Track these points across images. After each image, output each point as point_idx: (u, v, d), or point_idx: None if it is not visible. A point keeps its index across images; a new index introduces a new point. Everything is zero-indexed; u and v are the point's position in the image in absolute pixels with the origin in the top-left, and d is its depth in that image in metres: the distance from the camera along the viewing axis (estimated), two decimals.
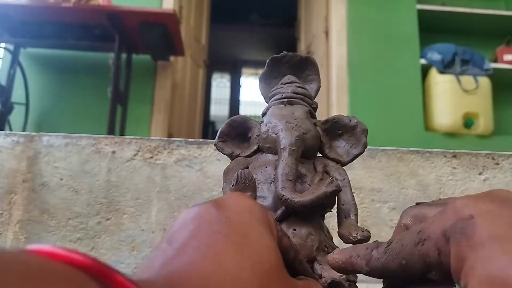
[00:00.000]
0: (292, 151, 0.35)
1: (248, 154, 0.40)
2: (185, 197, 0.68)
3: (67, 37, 1.97)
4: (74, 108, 2.24)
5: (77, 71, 2.27)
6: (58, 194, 0.68)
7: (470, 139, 2.25)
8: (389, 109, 2.27)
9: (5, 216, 0.67)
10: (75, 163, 0.69)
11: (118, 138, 0.72)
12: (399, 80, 2.32)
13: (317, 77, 0.43)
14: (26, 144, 0.70)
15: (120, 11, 1.89)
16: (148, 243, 0.66)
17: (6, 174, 0.69)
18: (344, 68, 2.31)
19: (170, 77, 2.32)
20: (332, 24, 2.40)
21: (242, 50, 5.18)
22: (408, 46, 2.37)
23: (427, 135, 2.26)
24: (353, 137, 0.39)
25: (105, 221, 0.67)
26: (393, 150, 0.73)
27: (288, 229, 0.34)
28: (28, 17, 1.97)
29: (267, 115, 0.40)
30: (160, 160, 0.70)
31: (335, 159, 0.39)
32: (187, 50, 2.42)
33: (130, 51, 2.16)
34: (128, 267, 0.65)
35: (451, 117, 2.23)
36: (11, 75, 2.03)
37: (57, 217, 0.67)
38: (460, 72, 2.28)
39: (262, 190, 0.36)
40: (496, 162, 0.73)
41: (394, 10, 2.43)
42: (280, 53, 0.43)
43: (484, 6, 2.52)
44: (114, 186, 0.69)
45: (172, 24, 1.98)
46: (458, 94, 2.23)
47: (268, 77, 0.44)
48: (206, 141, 0.72)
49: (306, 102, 0.40)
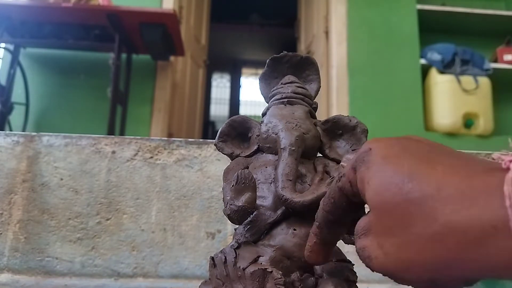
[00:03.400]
0: (292, 151, 0.35)
1: (248, 154, 0.40)
2: (185, 197, 0.68)
3: (67, 37, 1.97)
4: (74, 108, 2.24)
5: (77, 71, 2.27)
6: (58, 194, 0.68)
7: (470, 139, 2.25)
8: (389, 109, 2.27)
9: (5, 216, 0.67)
10: (75, 163, 0.69)
11: (118, 138, 0.72)
12: (399, 80, 2.32)
13: (317, 77, 0.43)
14: (26, 144, 0.70)
15: (120, 11, 1.89)
16: (148, 243, 0.66)
17: (6, 174, 0.69)
18: (344, 68, 2.31)
19: (170, 77, 2.32)
20: (332, 24, 2.40)
21: (242, 50, 5.17)
22: (408, 46, 2.37)
23: (427, 135, 2.26)
24: (353, 137, 0.39)
25: (105, 221, 0.67)
26: None
27: (288, 229, 0.34)
28: (28, 17, 1.97)
29: (267, 115, 0.40)
30: (160, 160, 0.70)
31: (335, 159, 0.39)
32: (187, 50, 2.42)
33: (130, 51, 2.16)
34: (128, 267, 0.65)
35: (451, 117, 2.23)
36: (11, 75, 2.03)
37: (57, 217, 0.67)
38: (460, 72, 2.28)
39: (262, 190, 0.36)
40: None
41: (394, 10, 2.43)
42: (280, 53, 0.42)
43: (484, 6, 2.52)
44: (114, 186, 0.69)
45: (172, 24, 1.98)
46: (458, 94, 2.23)
47: (268, 77, 0.44)
48: (206, 141, 0.72)
49: (306, 102, 0.40)
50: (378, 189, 0.20)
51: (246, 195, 0.32)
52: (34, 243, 0.65)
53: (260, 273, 0.30)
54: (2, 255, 0.64)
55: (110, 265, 0.65)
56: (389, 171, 0.20)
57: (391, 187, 0.19)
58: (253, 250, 0.33)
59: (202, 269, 0.65)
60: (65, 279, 0.63)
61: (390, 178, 0.20)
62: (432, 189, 0.18)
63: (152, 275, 0.65)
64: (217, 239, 0.67)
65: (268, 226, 0.34)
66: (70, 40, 1.97)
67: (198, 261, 0.65)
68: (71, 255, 0.65)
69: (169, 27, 1.98)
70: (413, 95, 2.31)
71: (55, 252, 0.65)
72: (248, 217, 0.34)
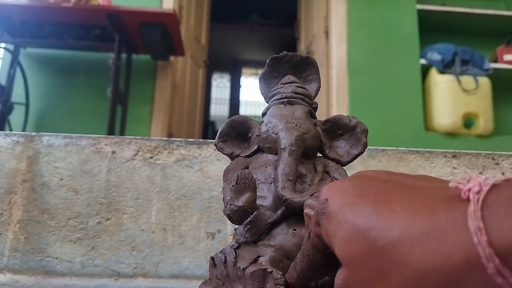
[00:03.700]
0: (292, 151, 0.35)
1: (248, 154, 0.40)
2: (185, 197, 0.68)
3: (67, 37, 1.97)
4: (74, 108, 2.24)
5: (77, 71, 2.27)
6: (58, 194, 0.68)
7: (470, 139, 2.25)
8: (389, 109, 2.27)
9: (5, 216, 0.67)
10: (75, 163, 0.69)
11: (118, 138, 0.72)
12: (399, 80, 2.32)
13: (317, 77, 0.43)
14: (26, 144, 0.70)
15: (120, 11, 1.89)
16: (148, 243, 0.66)
17: (6, 174, 0.69)
18: (344, 68, 2.31)
19: (170, 77, 2.32)
20: (332, 24, 2.40)
21: (242, 50, 5.17)
22: (408, 46, 2.37)
23: (427, 135, 2.26)
24: (353, 137, 0.39)
25: (105, 221, 0.67)
26: (393, 150, 0.73)
27: (288, 229, 0.34)
28: (28, 17, 1.97)
29: (267, 115, 0.40)
30: (160, 160, 0.70)
31: (335, 159, 0.39)
32: (187, 50, 2.42)
33: (130, 51, 2.16)
34: (128, 267, 0.65)
35: (451, 117, 2.23)
36: (11, 75, 2.03)
37: (57, 217, 0.67)
38: (460, 72, 2.28)
39: (262, 190, 0.36)
40: (496, 162, 0.73)
41: (394, 10, 2.43)
42: (280, 53, 0.42)
43: (484, 6, 2.52)
44: (114, 186, 0.69)
45: (172, 24, 1.98)
46: (458, 94, 2.23)
47: (268, 77, 0.44)
48: (206, 141, 0.72)
49: (306, 102, 0.40)
50: (345, 243, 0.19)
51: (246, 195, 0.32)
52: (34, 243, 0.65)
53: (260, 273, 0.30)
54: (2, 255, 0.64)
55: (110, 265, 0.65)
56: (350, 223, 0.19)
57: (357, 239, 0.19)
58: (253, 250, 0.33)
59: (202, 269, 0.65)
60: (65, 279, 0.63)
61: (353, 229, 0.19)
62: (396, 234, 0.17)
63: (152, 275, 0.65)
64: (217, 239, 0.67)
65: (268, 226, 0.34)
66: (70, 40, 1.97)
67: (198, 261, 0.65)
68: (71, 255, 0.65)
69: (169, 27, 1.98)
70: (413, 95, 2.31)
71: (55, 252, 0.65)
72: (248, 217, 0.34)
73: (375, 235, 0.18)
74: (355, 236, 0.19)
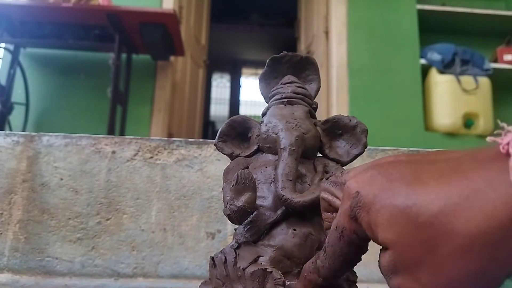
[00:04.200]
0: (292, 151, 0.35)
1: (248, 154, 0.40)
2: (185, 197, 0.68)
3: (67, 37, 1.97)
4: (74, 108, 2.24)
5: (77, 71, 2.27)
6: (58, 194, 0.68)
7: (470, 139, 2.25)
8: (389, 109, 2.27)
9: (5, 216, 0.67)
10: (75, 163, 0.69)
11: (118, 138, 0.72)
12: (399, 80, 2.32)
13: (317, 77, 0.43)
14: (26, 144, 0.70)
15: (120, 11, 1.89)
16: (148, 243, 0.66)
17: (6, 174, 0.69)
18: (344, 68, 2.31)
19: (170, 77, 2.32)
20: (332, 24, 2.39)
21: (242, 50, 5.17)
22: (408, 46, 2.37)
23: (427, 135, 2.26)
24: (353, 137, 0.39)
25: (105, 221, 0.67)
26: (393, 150, 0.73)
27: (288, 229, 0.34)
28: (28, 17, 1.97)
29: (267, 115, 0.40)
30: (160, 160, 0.70)
31: (335, 159, 0.39)
32: (187, 50, 2.42)
33: (130, 51, 2.16)
34: (128, 267, 0.65)
35: (451, 117, 2.23)
36: (11, 75, 2.03)
37: (57, 217, 0.67)
38: (460, 72, 2.28)
39: (262, 190, 0.36)
40: None
41: (394, 10, 2.43)
42: (280, 53, 0.42)
43: (484, 6, 2.52)
44: (114, 186, 0.69)
45: (172, 24, 1.98)
46: (458, 94, 2.23)
47: (268, 77, 0.44)
48: (206, 141, 0.72)
49: (306, 102, 0.40)
50: (387, 227, 0.20)
51: (246, 195, 0.32)
52: (34, 243, 0.65)
53: (260, 273, 0.30)
54: (2, 255, 0.64)
55: (110, 265, 0.65)
56: (388, 207, 0.20)
57: (399, 220, 0.19)
58: (253, 250, 0.33)
59: (202, 269, 0.65)
60: (65, 279, 0.63)
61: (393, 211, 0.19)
62: (437, 206, 0.18)
63: (152, 275, 0.65)
64: (217, 239, 0.67)
65: (268, 226, 0.34)
66: (70, 40, 1.97)
67: (198, 261, 0.65)
68: (71, 255, 0.65)
69: (169, 27, 1.98)
70: (413, 95, 2.31)
71: (55, 252, 0.65)
72: (248, 217, 0.34)
73: (415, 212, 0.18)
74: (396, 217, 0.19)
